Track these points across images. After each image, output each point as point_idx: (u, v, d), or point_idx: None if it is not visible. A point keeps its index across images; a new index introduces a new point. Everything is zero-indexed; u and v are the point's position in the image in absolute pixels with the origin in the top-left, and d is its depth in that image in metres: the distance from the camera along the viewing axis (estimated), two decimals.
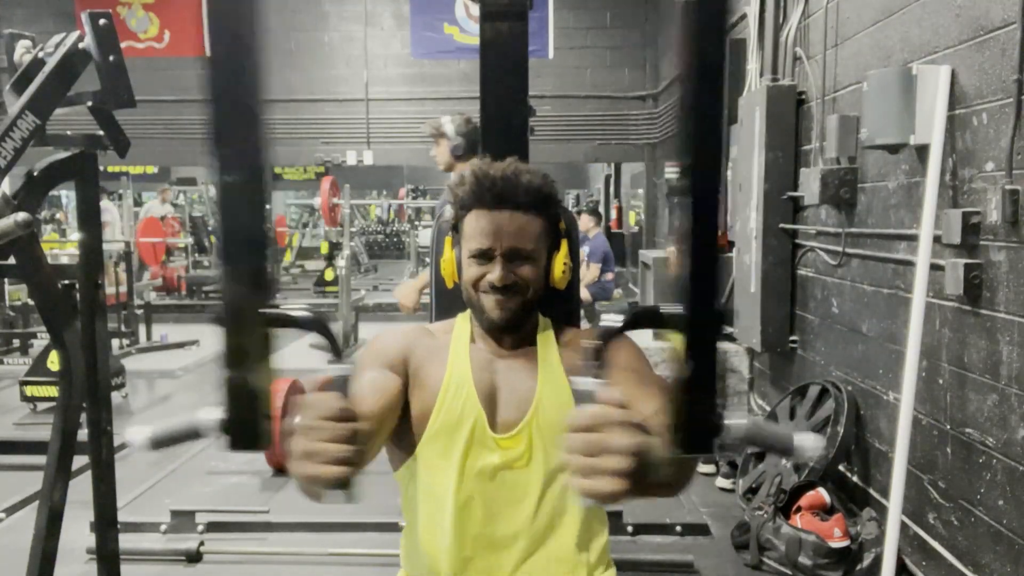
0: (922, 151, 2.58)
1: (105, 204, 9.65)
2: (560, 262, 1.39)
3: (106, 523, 2.13)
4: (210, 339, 6.60)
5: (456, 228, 1.38)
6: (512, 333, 1.37)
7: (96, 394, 2.04)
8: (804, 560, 2.82)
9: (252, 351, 0.73)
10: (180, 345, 7.23)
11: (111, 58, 1.84)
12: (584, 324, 1.63)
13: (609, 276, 7.33)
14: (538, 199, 1.33)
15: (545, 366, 1.35)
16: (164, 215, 10.38)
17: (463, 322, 1.43)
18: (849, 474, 3.29)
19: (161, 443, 0.91)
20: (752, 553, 2.97)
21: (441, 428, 1.29)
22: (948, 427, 2.54)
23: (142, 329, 7.34)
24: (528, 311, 1.35)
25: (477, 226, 1.32)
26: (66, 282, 1.99)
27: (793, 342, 3.98)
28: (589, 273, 7.10)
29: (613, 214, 11.79)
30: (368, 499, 0.92)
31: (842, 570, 2.80)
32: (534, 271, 1.32)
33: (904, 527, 2.71)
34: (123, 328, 7.14)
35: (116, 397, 4.98)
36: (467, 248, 1.33)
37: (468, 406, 1.30)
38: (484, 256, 1.31)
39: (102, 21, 1.84)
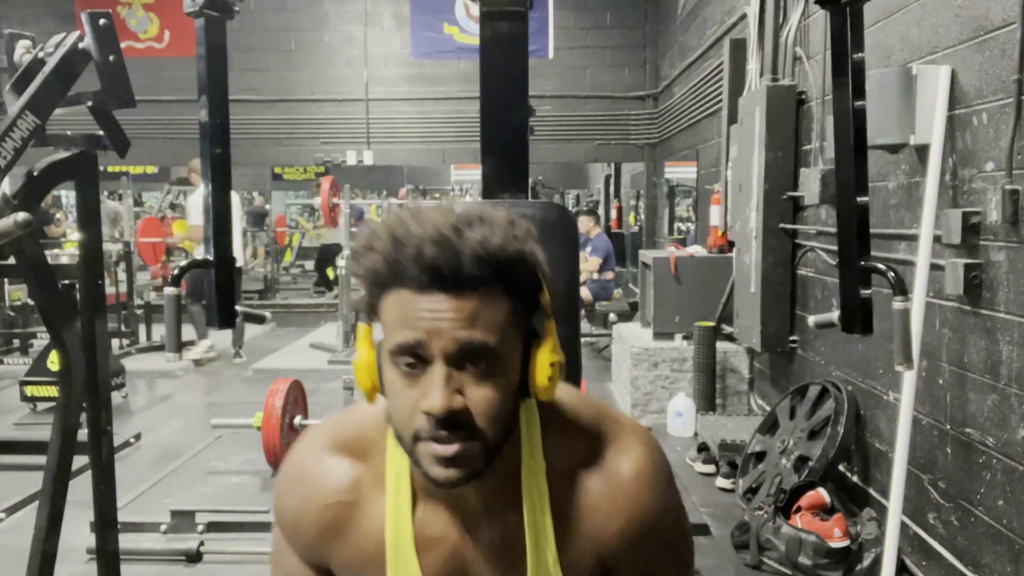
0: (922, 151, 2.58)
1: (113, 204, 9.65)
2: (545, 360, 0.85)
3: (106, 523, 2.12)
4: (211, 338, 6.58)
5: (372, 311, 0.85)
6: (473, 488, 0.88)
7: (96, 394, 2.04)
8: (804, 560, 2.82)
9: None
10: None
11: (111, 58, 1.84)
12: (585, 325, 1.25)
13: (610, 275, 7.33)
14: (500, 266, 0.79)
15: (535, 549, 0.91)
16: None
17: (396, 462, 0.92)
18: (849, 474, 3.29)
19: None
20: (752, 553, 2.97)
21: None
22: (948, 427, 2.54)
23: (142, 329, 7.34)
24: (494, 457, 0.84)
25: (399, 313, 0.81)
26: (66, 282, 1.99)
27: (793, 342, 3.98)
28: (588, 265, 7.10)
29: (613, 214, 11.78)
30: None
31: (842, 570, 2.80)
32: (498, 392, 0.81)
33: (904, 527, 2.71)
34: (123, 328, 7.14)
35: (116, 397, 4.99)
36: (387, 345, 0.82)
37: None
38: (413, 357, 0.80)
39: (102, 21, 1.83)
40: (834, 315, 2.17)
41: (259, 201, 13.78)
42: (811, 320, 2.40)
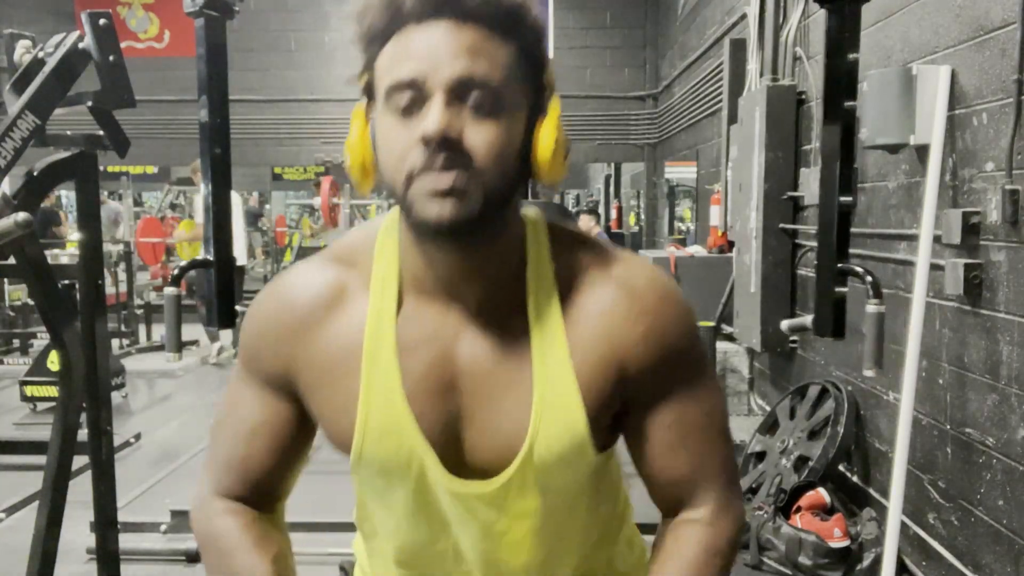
0: (922, 151, 2.58)
1: (114, 205, 9.66)
2: (549, 132, 0.79)
3: (106, 523, 2.13)
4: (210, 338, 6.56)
5: (369, 89, 0.79)
6: (470, 252, 0.80)
7: (96, 394, 2.04)
8: (804, 560, 2.82)
9: None
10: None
11: (111, 58, 1.84)
12: None
13: None
14: (508, 9, 0.76)
15: (543, 364, 0.82)
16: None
17: (384, 260, 0.85)
18: (849, 474, 3.29)
19: None
20: (752, 553, 2.97)
21: (370, 473, 0.86)
22: (948, 427, 2.54)
23: (142, 329, 7.34)
24: (493, 208, 0.76)
25: (398, 51, 0.75)
26: (66, 282, 1.99)
27: (793, 342, 3.98)
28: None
29: (613, 214, 11.78)
30: None
31: (842, 570, 2.80)
32: (499, 136, 0.75)
33: (904, 527, 2.71)
34: (123, 328, 7.14)
35: (116, 397, 4.99)
36: (382, 88, 0.76)
37: (404, 445, 0.83)
38: (410, 93, 0.74)
39: (102, 21, 1.84)
40: (807, 319, 2.16)
41: (253, 201, 13.79)
42: (783, 324, 2.40)
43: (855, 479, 3.25)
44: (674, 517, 0.91)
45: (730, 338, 4.72)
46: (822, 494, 2.99)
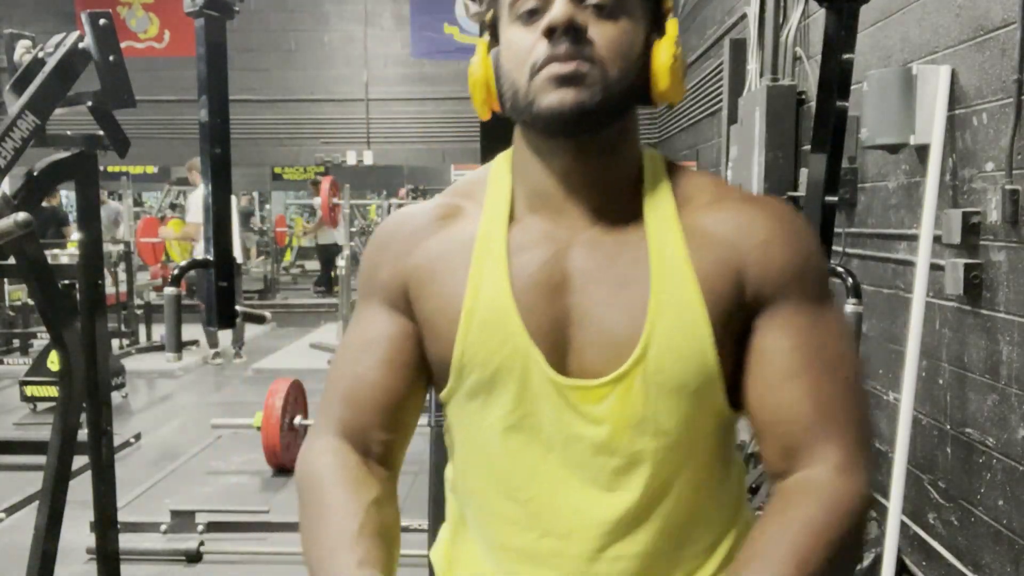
0: (922, 151, 2.58)
1: (115, 205, 9.66)
2: (668, 47, 0.80)
3: (106, 523, 2.13)
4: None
5: (490, 27, 0.86)
6: (588, 155, 0.81)
7: (96, 394, 2.04)
8: None
9: None
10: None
11: (111, 58, 1.84)
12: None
13: None
14: None
15: (660, 259, 0.80)
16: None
17: (498, 183, 0.87)
18: None
19: None
20: None
21: (470, 386, 0.83)
22: (948, 427, 2.54)
23: (142, 329, 7.34)
24: (613, 105, 0.78)
25: None
26: (66, 282, 1.99)
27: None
28: None
29: None
30: None
31: None
32: (620, 34, 0.77)
33: (904, 527, 2.71)
34: (123, 328, 7.14)
35: (116, 397, 4.99)
36: (511, 14, 0.80)
37: (509, 341, 0.80)
38: (537, 12, 0.78)
39: (102, 21, 1.84)
40: None
41: (244, 201, 13.79)
42: None
43: None
44: (780, 481, 0.79)
45: None
46: None
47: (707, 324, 0.78)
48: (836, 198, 1.92)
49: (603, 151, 0.82)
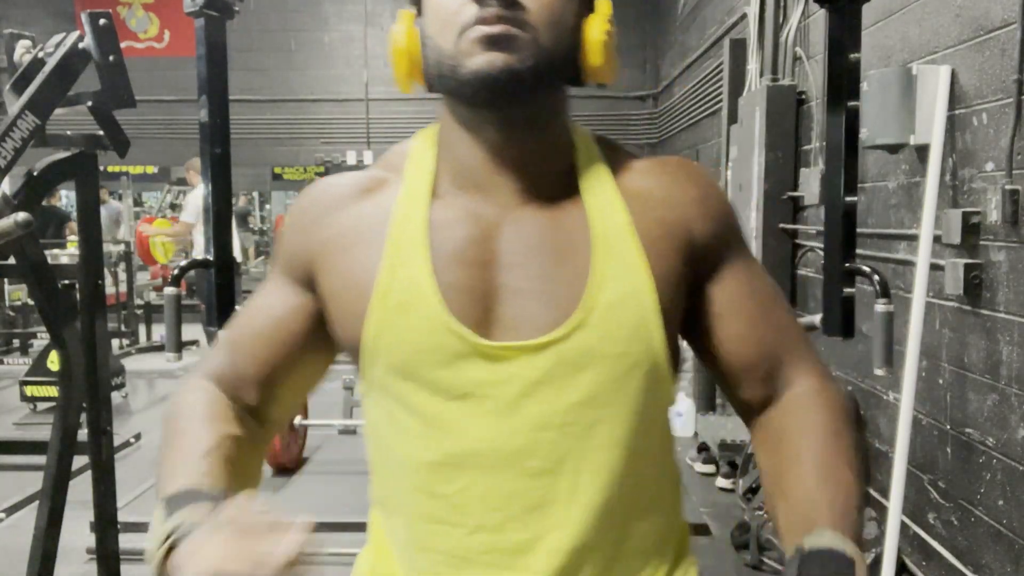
0: (922, 151, 2.58)
1: (117, 205, 9.66)
2: (600, 23, 0.77)
3: (106, 523, 2.13)
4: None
5: None
6: (516, 128, 0.77)
7: (96, 394, 2.04)
8: None
9: None
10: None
11: (111, 58, 1.84)
12: None
13: None
14: None
15: (603, 228, 0.77)
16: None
17: (421, 157, 0.83)
18: None
19: None
20: (752, 553, 2.96)
21: (384, 371, 0.78)
22: (948, 427, 2.54)
23: (142, 329, 7.34)
24: (544, 74, 0.74)
25: None
26: (66, 282, 1.99)
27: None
28: None
29: None
30: (368, 495, 0.92)
31: None
32: (551, 5, 0.74)
33: (904, 527, 2.71)
34: (123, 328, 7.14)
35: (116, 397, 4.98)
36: None
37: (426, 326, 0.75)
38: None
39: (102, 21, 1.84)
40: (816, 318, 2.17)
41: (243, 201, 13.76)
42: None
43: None
44: (769, 408, 0.82)
45: None
46: None
47: (652, 292, 0.76)
48: (856, 198, 1.93)
49: (532, 126, 0.78)
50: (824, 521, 0.71)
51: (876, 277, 2.07)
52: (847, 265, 1.96)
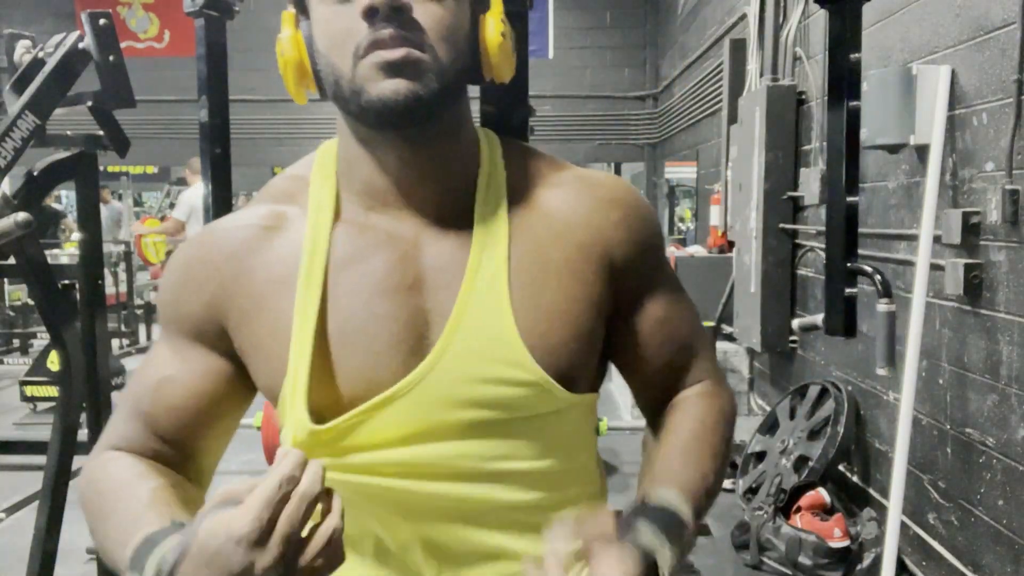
0: (922, 151, 2.58)
1: (118, 205, 9.67)
2: (495, 22, 0.76)
3: None
4: None
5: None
6: (423, 147, 0.75)
7: (96, 394, 2.04)
8: (804, 560, 2.82)
9: None
10: None
11: (111, 58, 1.84)
12: None
13: None
14: None
15: (479, 257, 0.76)
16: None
17: (323, 183, 0.80)
18: (849, 474, 3.29)
19: None
20: (752, 553, 2.96)
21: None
22: (948, 427, 2.54)
23: (142, 329, 7.34)
24: (447, 92, 0.73)
25: None
26: (66, 282, 1.99)
27: (793, 342, 3.98)
28: None
29: None
30: None
31: (842, 570, 2.80)
32: (448, 14, 0.72)
33: (904, 527, 2.71)
34: (123, 328, 7.14)
35: (116, 397, 4.97)
36: None
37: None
38: None
39: (102, 21, 1.84)
40: (818, 318, 2.18)
41: (243, 201, 13.80)
42: (795, 323, 2.41)
43: (855, 479, 3.25)
44: (665, 406, 0.89)
45: (730, 338, 4.72)
46: (822, 494, 2.99)
47: (514, 329, 0.74)
48: (857, 198, 1.93)
49: (440, 138, 0.76)
50: (672, 486, 0.76)
51: (878, 277, 2.07)
52: (849, 265, 1.96)
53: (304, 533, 0.60)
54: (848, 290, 1.96)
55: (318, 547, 0.60)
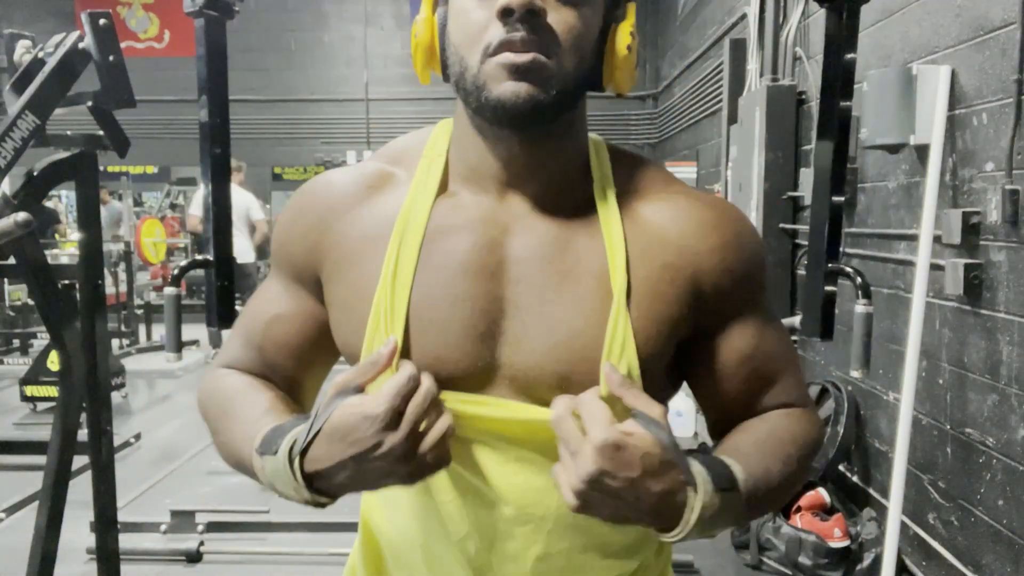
0: (922, 151, 2.58)
1: (118, 205, 9.65)
2: (625, 34, 0.76)
3: (106, 523, 2.13)
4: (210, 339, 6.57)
5: None
6: (534, 145, 0.77)
7: (96, 394, 2.04)
8: (804, 560, 2.82)
9: None
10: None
11: (111, 58, 1.84)
12: None
13: None
14: None
15: (613, 255, 0.76)
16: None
17: (434, 151, 0.82)
18: (849, 474, 3.29)
19: None
20: (752, 553, 2.96)
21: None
22: (948, 427, 2.54)
23: (142, 329, 7.34)
24: (567, 97, 0.74)
25: None
26: (66, 282, 1.99)
27: (793, 342, 3.98)
28: None
29: None
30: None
31: (842, 570, 2.80)
32: (579, 22, 0.72)
33: (904, 527, 2.71)
34: (123, 328, 7.14)
35: (116, 397, 4.98)
36: None
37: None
38: None
39: (102, 21, 1.83)
40: (795, 319, 2.17)
41: None
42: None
43: (855, 479, 3.25)
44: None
45: None
46: (822, 494, 2.99)
47: (633, 348, 0.74)
48: (843, 198, 1.92)
49: (551, 140, 0.77)
50: (736, 457, 0.73)
51: (859, 279, 2.07)
52: (830, 265, 1.95)
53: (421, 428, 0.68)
54: (827, 288, 1.94)
55: (433, 440, 0.68)
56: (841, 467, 3.27)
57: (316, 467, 0.68)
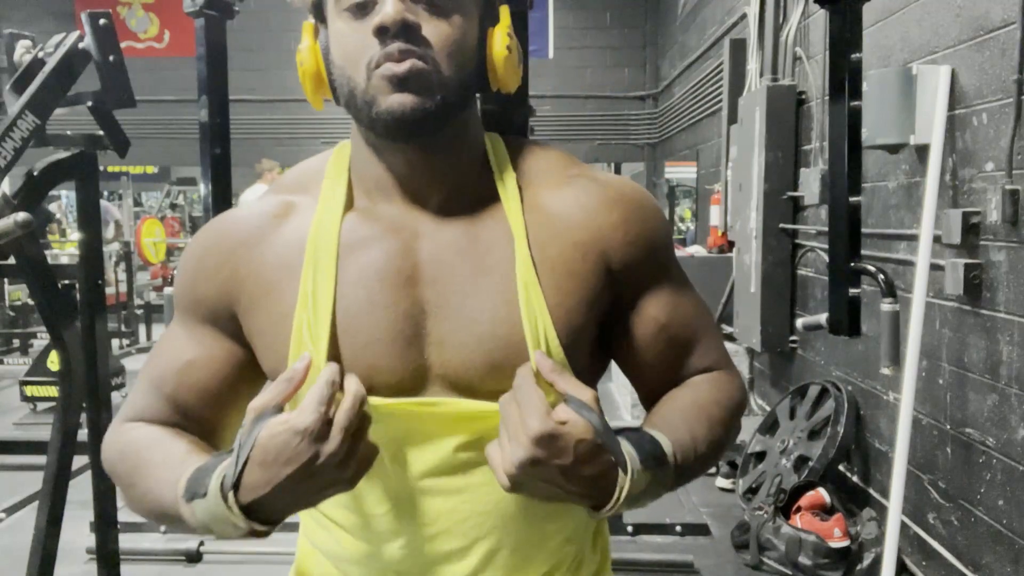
0: (922, 151, 2.58)
1: (105, 204, 9.66)
2: (502, 36, 0.79)
3: (106, 523, 2.13)
4: None
5: (316, 10, 0.79)
6: (430, 154, 0.79)
7: (96, 394, 2.04)
8: (804, 560, 2.82)
9: None
10: None
11: (111, 58, 1.84)
12: None
13: None
14: None
15: (521, 245, 0.79)
16: None
17: (335, 173, 0.84)
18: (849, 474, 3.29)
19: None
20: (752, 553, 2.96)
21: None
22: (948, 427, 2.54)
23: (142, 329, 7.34)
24: (452, 104, 0.76)
25: None
26: (66, 282, 1.99)
27: (793, 342, 3.98)
28: None
29: None
30: None
31: (842, 570, 2.80)
32: (453, 31, 0.75)
33: (904, 527, 2.71)
34: (123, 328, 7.14)
35: (116, 397, 4.98)
36: (338, 4, 0.76)
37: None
38: (366, 6, 0.74)
39: (102, 21, 1.84)
40: (822, 317, 2.18)
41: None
42: (799, 323, 2.41)
43: (855, 479, 3.25)
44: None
45: (730, 338, 4.72)
46: (822, 494, 2.99)
47: (552, 330, 0.77)
48: (860, 198, 1.93)
49: (446, 143, 0.79)
50: (663, 429, 0.77)
51: (882, 277, 2.08)
52: (853, 265, 1.96)
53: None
54: (852, 290, 1.96)
55: (363, 435, 0.68)
56: (841, 467, 3.27)
57: (253, 496, 0.67)
